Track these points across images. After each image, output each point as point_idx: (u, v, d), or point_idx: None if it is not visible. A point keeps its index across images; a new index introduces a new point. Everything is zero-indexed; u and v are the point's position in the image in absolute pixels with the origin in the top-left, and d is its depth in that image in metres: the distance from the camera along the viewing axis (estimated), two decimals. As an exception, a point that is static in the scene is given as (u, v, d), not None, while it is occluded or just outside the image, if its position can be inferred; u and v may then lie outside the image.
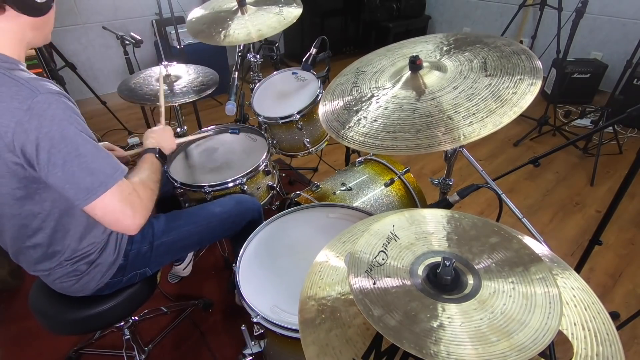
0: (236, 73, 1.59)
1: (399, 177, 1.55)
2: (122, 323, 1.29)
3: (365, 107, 0.95)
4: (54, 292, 1.05)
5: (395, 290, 0.59)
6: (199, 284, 1.83)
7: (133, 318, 1.37)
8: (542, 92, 3.36)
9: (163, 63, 1.77)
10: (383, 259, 0.64)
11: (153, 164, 1.07)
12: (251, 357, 1.02)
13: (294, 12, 1.59)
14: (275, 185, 1.56)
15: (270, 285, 1.01)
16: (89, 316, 1.05)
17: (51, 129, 0.77)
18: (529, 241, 0.71)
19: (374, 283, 0.59)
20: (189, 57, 2.53)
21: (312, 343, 0.61)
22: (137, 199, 0.90)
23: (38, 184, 0.84)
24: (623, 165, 2.60)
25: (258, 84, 1.80)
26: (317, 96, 1.60)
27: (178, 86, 1.73)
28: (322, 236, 1.14)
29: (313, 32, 4.07)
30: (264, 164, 1.44)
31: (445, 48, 1.03)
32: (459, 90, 0.87)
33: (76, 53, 3.38)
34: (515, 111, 0.78)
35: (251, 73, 1.88)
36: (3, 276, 1.75)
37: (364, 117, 0.93)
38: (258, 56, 1.82)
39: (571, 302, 0.63)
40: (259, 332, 0.94)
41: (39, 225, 0.91)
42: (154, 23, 3.58)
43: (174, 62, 1.86)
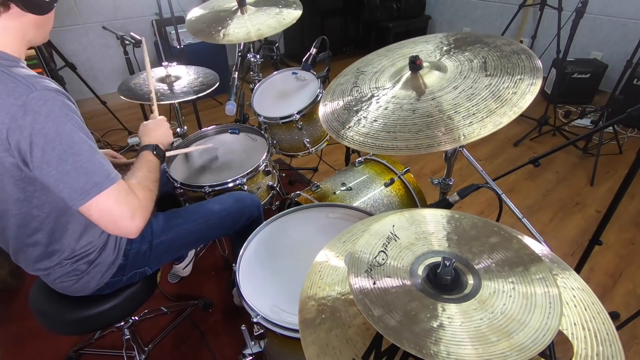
0: (236, 73, 1.59)
1: (399, 177, 1.55)
2: (122, 323, 1.29)
3: (365, 107, 0.95)
4: (54, 292, 1.05)
5: (395, 290, 0.59)
6: (199, 284, 1.83)
7: (133, 318, 1.37)
8: (542, 92, 3.36)
9: (164, 63, 1.78)
10: (383, 259, 0.64)
11: (150, 163, 1.05)
12: (251, 357, 1.02)
13: (294, 14, 1.59)
14: (275, 185, 1.56)
15: (270, 285, 1.01)
16: (89, 316, 1.05)
17: (45, 126, 0.76)
18: (529, 241, 0.71)
19: (374, 283, 0.59)
20: (189, 57, 2.53)
21: (312, 343, 0.61)
22: (136, 201, 0.88)
23: (35, 187, 0.83)
24: (623, 165, 2.60)
25: (258, 84, 1.80)
26: (317, 96, 1.60)
27: (178, 86, 1.73)
28: (322, 236, 1.14)
29: (313, 32, 4.07)
30: (264, 164, 1.44)
31: (445, 48, 1.02)
32: (459, 90, 0.87)
33: (76, 53, 3.39)
34: (515, 111, 0.78)
35: (251, 73, 1.88)
36: (3, 276, 1.75)
37: (364, 117, 0.93)
38: (258, 56, 1.82)
39: (571, 302, 0.63)
40: (259, 332, 0.94)
41: (38, 226, 0.91)
42: (154, 23, 3.58)
43: (174, 63, 1.86)
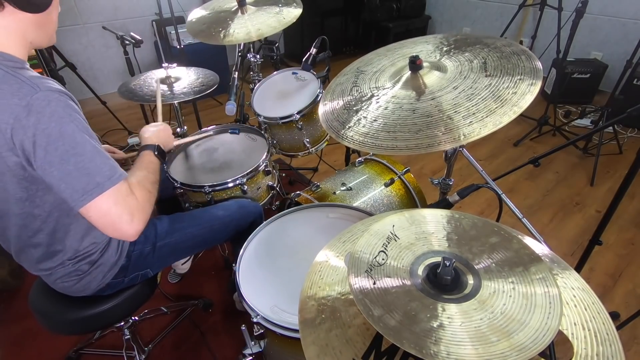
0: (236, 73, 1.59)
1: (399, 177, 1.55)
2: (122, 323, 1.29)
3: (365, 107, 0.95)
4: (54, 292, 1.05)
5: (395, 290, 0.59)
6: (199, 284, 1.83)
7: (133, 318, 1.37)
8: (542, 92, 3.36)
9: (164, 65, 1.78)
10: (383, 259, 0.64)
11: (151, 163, 1.04)
12: (251, 357, 1.02)
13: (294, 12, 1.59)
14: (275, 185, 1.56)
15: (270, 285, 1.01)
16: (89, 316, 1.05)
17: (49, 126, 0.76)
18: (529, 241, 0.71)
19: (374, 283, 0.59)
20: (189, 57, 2.53)
21: (312, 343, 0.61)
22: (134, 202, 0.87)
23: (38, 186, 0.84)
24: (623, 165, 2.60)
25: (258, 84, 1.80)
26: (317, 96, 1.60)
27: (178, 86, 1.73)
28: (322, 236, 1.14)
29: (313, 32, 4.07)
30: (264, 164, 1.44)
31: (445, 48, 1.03)
32: (459, 90, 0.87)
33: (76, 53, 3.39)
34: (515, 111, 0.78)
35: (251, 73, 1.88)
36: (3, 276, 1.75)
37: (364, 117, 0.93)
38: (258, 56, 1.81)
39: (571, 302, 0.63)
40: (259, 332, 0.94)
41: (39, 226, 0.91)
42: (154, 23, 3.58)
43: (174, 64, 1.86)
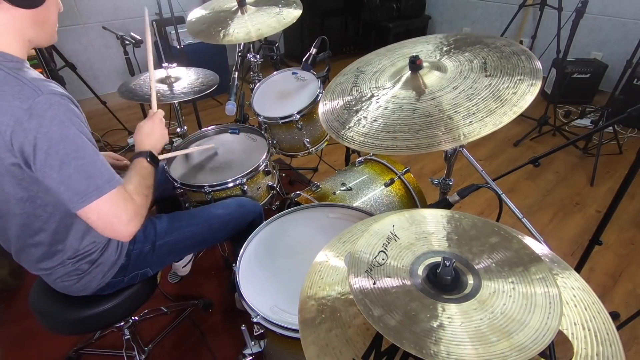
0: (236, 73, 1.59)
1: (399, 177, 1.55)
2: (122, 323, 1.29)
3: (365, 107, 0.95)
4: (54, 292, 1.05)
5: (395, 290, 0.59)
6: (199, 284, 1.83)
7: (133, 318, 1.37)
8: (542, 92, 3.36)
9: (164, 65, 1.78)
10: (383, 259, 0.64)
11: (144, 169, 1.04)
12: (251, 357, 1.02)
13: (294, 13, 1.59)
14: (275, 185, 1.56)
15: (270, 285, 1.01)
16: (89, 316, 1.05)
17: (50, 130, 0.77)
18: (529, 241, 0.71)
19: (374, 283, 0.59)
20: (189, 57, 2.53)
21: (312, 343, 0.61)
22: (133, 206, 0.89)
23: (39, 187, 0.84)
24: (623, 165, 2.60)
25: (258, 84, 1.80)
26: (317, 96, 1.60)
27: (178, 87, 1.73)
28: (322, 236, 1.14)
29: (313, 32, 4.07)
30: (264, 164, 1.44)
31: (445, 48, 1.02)
32: (459, 90, 0.87)
33: (76, 53, 3.39)
34: (515, 111, 0.78)
35: (251, 73, 1.88)
36: (3, 276, 1.75)
37: (364, 117, 0.93)
38: (258, 56, 1.81)
39: (571, 302, 0.63)
40: (259, 332, 0.94)
41: (41, 226, 0.91)
42: (154, 23, 3.58)
43: (174, 64, 1.86)
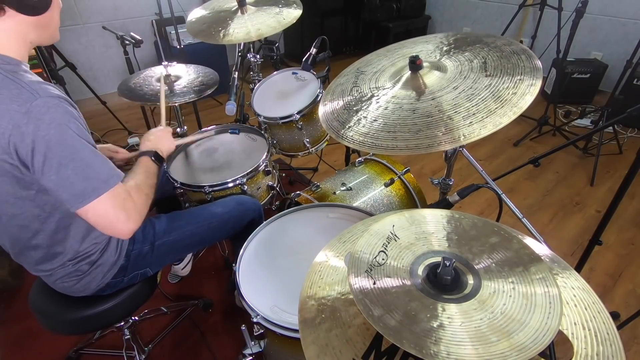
0: (236, 73, 1.59)
1: (399, 177, 1.55)
2: (122, 323, 1.29)
3: (365, 107, 0.95)
4: (54, 292, 1.05)
5: (395, 290, 0.59)
6: (199, 284, 1.83)
7: (133, 318, 1.37)
8: (542, 92, 3.36)
9: (163, 63, 1.78)
10: (383, 259, 0.64)
11: (149, 168, 1.07)
12: (251, 357, 1.02)
13: (294, 13, 1.59)
14: (275, 185, 1.56)
15: (270, 285, 1.01)
16: (89, 316, 1.05)
17: (48, 133, 0.77)
18: (529, 241, 0.71)
19: (374, 283, 0.59)
20: (189, 57, 2.53)
21: (312, 343, 0.61)
22: (132, 204, 0.90)
23: (39, 186, 0.84)
24: (623, 165, 2.60)
25: (258, 84, 1.80)
26: (317, 96, 1.60)
27: (178, 86, 1.73)
28: (322, 236, 1.14)
29: (313, 32, 4.07)
30: (264, 164, 1.44)
31: (445, 48, 1.02)
32: (459, 90, 0.87)
33: (76, 53, 3.38)
34: (515, 112, 0.78)
35: (251, 73, 1.88)
36: (3, 276, 1.75)
37: (364, 117, 0.93)
38: (258, 56, 1.81)
39: (571, 302, 0.63)
40: (259, 332, 0.94)
41: (39, 227, 0.91)
42: (154, 23, 3.58)
43: (174, 62, 1.86)
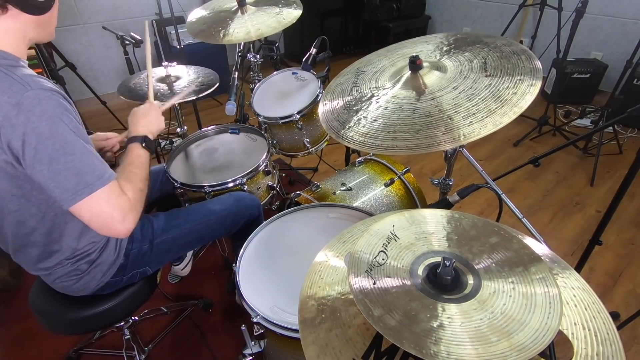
0: (236, 73, 1.59)
1: (399, 177, 1.55)
2: (122, 323, 1.29)
3: (365, 107, 0.95)
4: (54, 292, 1.05)
5: (395, 290, 0.59)
6: (199, 284, 1.83)
7: (133, 318, 1.37)
8: (542, 92, 3.36)
9: (164, 64, 1.77)
10: (383, 259, 0.64)
11: (139, 158, 1.02)
12: (251, 357, 1.02)
13: (294, 14, 1.59)
14: (275, 185, 1.56)
15: (270, 285, 1.01)
16: (89, 316, 1.05)
17: (39, 125, 0.76)
18: (529, 241, 0.71)
19: (374, 283, 0.59)
20: (189, 57, 2.52)
21: (312, 343, 0.61)
22: (126, 203, 0.87)
23: (32, 184, 0.83)
24: (623, 165, 2.60)
25: (258, 84, 1.80)
26: (317, 96, 1.60)
27: (178, 86, 1.73)
28: (322, 236, 1.14)
29: (313, 32, 4.07)
30: (264, 164, 1.44)
31: (445, 48, 1.02)
32: (459, 90, 0.87)
33: (76, 53, 3.38)
34: (515, 111, 0.78)
35: (251, 73, 1.88)
36: (3, 276, 1.75)
37: (364, 117, 0.93)
38: (258, 56, 1.81)
39: (571, 302, 0.63)
40: (259, 332, 0.94)
41: (35, 225, 0.91)
42: (154, 23, 3.57)
43: (174, 63, 1.86)
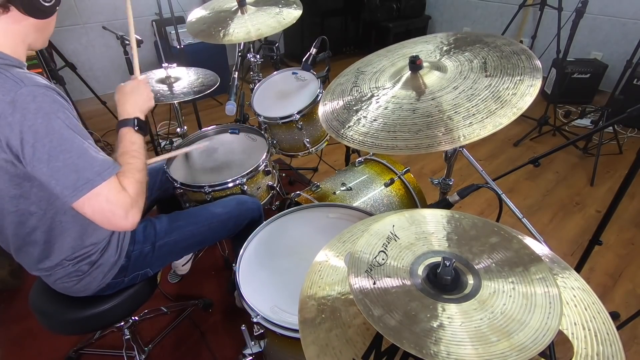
0: (236, 73, 1.59)
1: (399, 177, 1.55)
2: (122, 323, 1.29)
3: (365, 107, 0.95)
4: (54, 292, 1.05)
5: (395, 290, 0.59)
6: (199, 284, 1.83)
7: (133, 318, 1.37)
8: (542, 92, 3.36)
9: (164, 65, 1.78)
10: (383, 259, 0.64)
11: (134, 145, 0.97)
12: (251, 357, 1.02)
13: (294, 14, 1.59)
14: (275, 185, 1.56)
15: (270, 285, 1.01)
16: (90, 316, 1.05)
17: (35, 122, 0.75)
18: (529, 241, 0.71)
19: (374, 283, 0.59)
20: (189, 57, 2.53)
21: (312, 343, 0.61)
22: (127, 199, 0.86)
23: (32, 182, 0.83)
24: (623, 165, 2.60)
25: (258, 84, 1.80)
26: (317, 96, 1.60)
27: (178, 87, 1.73)
28: (322, 236, 1.14)
29: (313, 32, 4.07)
30: (264, 164, 1.44)
31: (445, 48, 1.02)
32: (459, 90, 0.87)
33: (76, 53, 3.38)
34: (515, 112, 0.78)
35: (251, 73, 1.88)
36: (3, 276, 1.75)
37: (364, 117, 0.93)
38: (258, 56, 1.81)
39: (571, 302, 0.63)
40: (259, 332, 0.94)
41: (35, 224, 0.91)
42: (154, 23, 3.58)
43: (174, 64, 1.86)
